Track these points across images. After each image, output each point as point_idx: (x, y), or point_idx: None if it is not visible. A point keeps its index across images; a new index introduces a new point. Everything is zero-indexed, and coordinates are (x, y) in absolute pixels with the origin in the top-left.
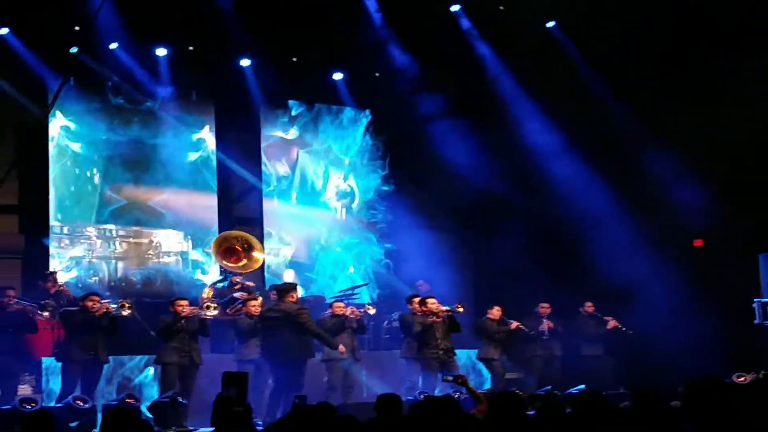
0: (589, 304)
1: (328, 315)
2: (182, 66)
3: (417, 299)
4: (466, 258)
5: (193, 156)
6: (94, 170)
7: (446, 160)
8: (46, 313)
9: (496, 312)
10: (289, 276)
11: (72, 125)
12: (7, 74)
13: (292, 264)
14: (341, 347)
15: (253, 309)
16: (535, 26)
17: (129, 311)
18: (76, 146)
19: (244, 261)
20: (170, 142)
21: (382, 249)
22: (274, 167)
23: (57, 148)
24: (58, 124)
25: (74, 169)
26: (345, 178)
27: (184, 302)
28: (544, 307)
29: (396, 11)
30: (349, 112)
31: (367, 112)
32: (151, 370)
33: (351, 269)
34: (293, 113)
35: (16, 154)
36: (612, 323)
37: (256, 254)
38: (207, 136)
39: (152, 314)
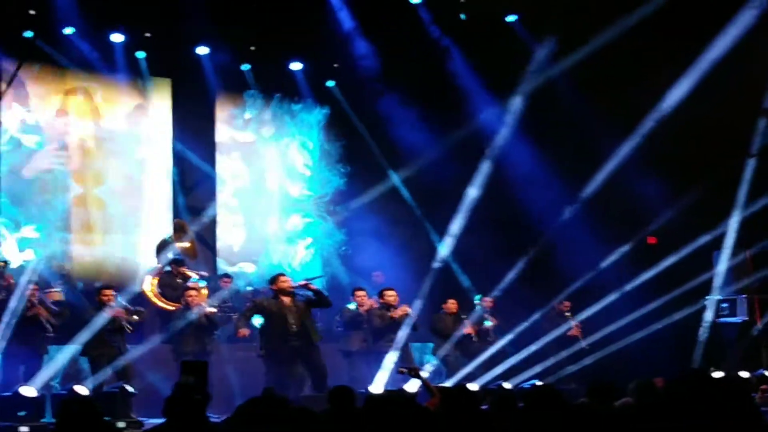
0: (566, 303)
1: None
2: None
3: (362, 292)
4: (423, 249)
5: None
6: None
7: (404, 151)
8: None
9: (451, 305)
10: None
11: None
12: None
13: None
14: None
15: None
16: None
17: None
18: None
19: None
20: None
21: (337, 238)
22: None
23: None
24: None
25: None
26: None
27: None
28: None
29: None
30: (305, 108)
31: (326, 108)
32: None
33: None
34: (246, 115)
35: None
36: (575, 331)
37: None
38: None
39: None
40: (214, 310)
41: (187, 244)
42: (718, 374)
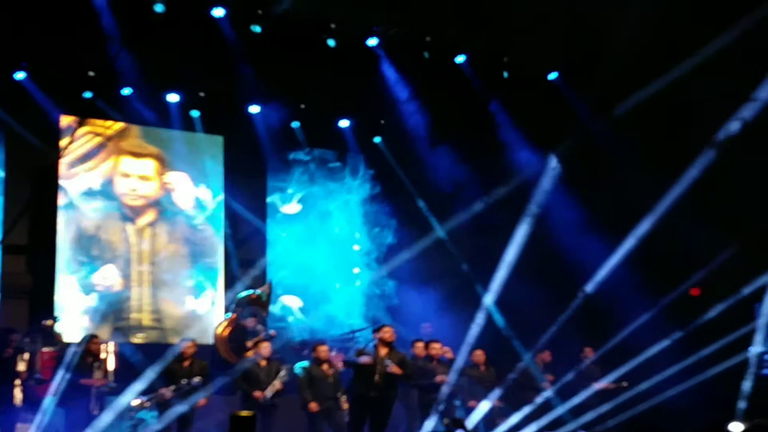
0: (588, 350)
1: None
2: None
3: (420, 344)
4: (469, 301)
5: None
6: None
7: (450, 204)
8: None
9: (479, 356)
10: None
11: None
12: (23, 117)
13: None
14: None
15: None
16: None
17: None
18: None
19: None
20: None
21: (384, 290)
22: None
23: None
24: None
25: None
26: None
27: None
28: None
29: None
30: (353, 164)
31: (373, 164)
32: None
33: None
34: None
35: (28, 196)
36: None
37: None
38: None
39: None
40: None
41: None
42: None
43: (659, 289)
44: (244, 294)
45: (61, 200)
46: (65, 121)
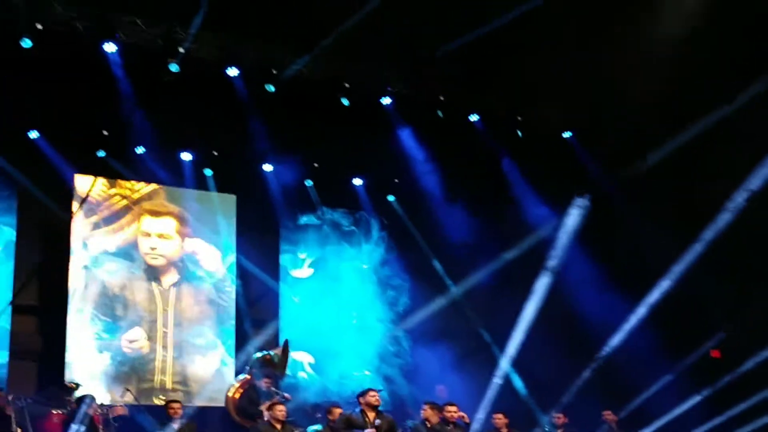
0: (608, 413)
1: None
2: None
3: (429, 407)
4: (484, 362)
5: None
6: None
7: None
8: None
9: (500, 420)
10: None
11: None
12: (35, 176)
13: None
14: None
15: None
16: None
17: None
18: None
19: None
20: None
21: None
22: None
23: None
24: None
25: None
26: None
27: None
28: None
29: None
30: (364, 224)
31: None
32: None
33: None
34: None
35: (39, 256)
36: None
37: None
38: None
39: None
40: None
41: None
42: None
43: (679, 350)
44: (258, 355)
45: (83, 260)
46: (78, 181)
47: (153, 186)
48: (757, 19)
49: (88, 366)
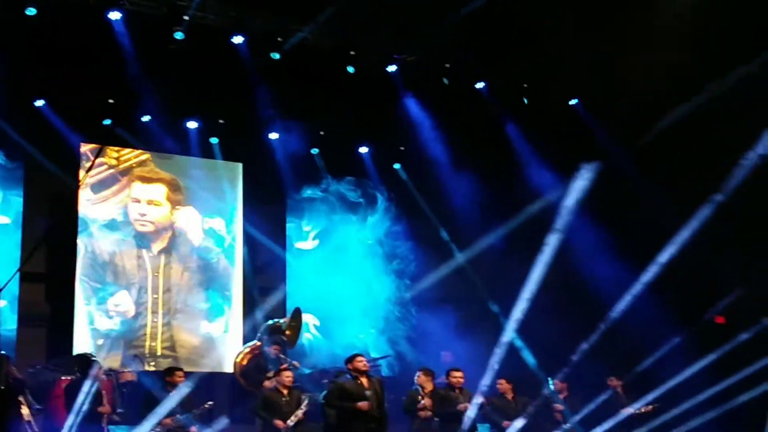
0: (613, 380)
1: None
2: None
3: (422, 373)
4: (489, 328)
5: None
6: None
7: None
8: None
9: (504, 385)
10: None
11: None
12: (42, 145)
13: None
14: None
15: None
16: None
17: None
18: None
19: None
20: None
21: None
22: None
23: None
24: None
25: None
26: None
27: None
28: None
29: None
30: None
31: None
32: None
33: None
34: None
35: (47, 224)
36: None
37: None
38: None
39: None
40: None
41: (288, 332)
42: None
43: (683, 317)
44: (269, 323)
45: (80, 228)
46: (85, 148)
47: (142, 153)
48: None
49: (89, 332)
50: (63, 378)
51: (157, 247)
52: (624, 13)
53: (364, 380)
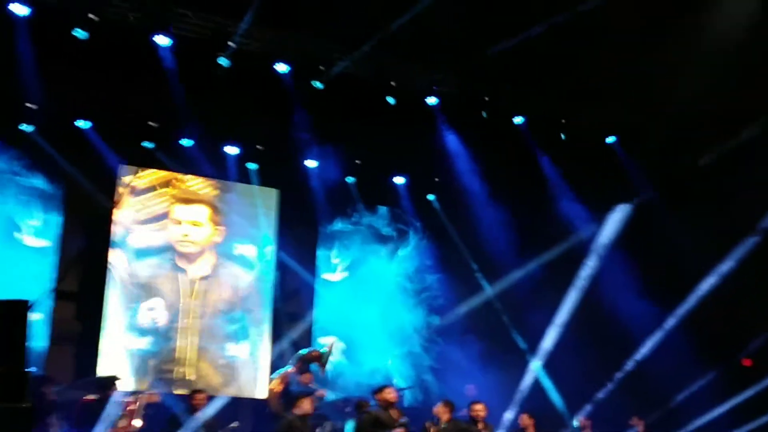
0: (636, 420)
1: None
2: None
3: (441, 406)
4: (515, 363)
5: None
6: None
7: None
8: None
9: (526, 420)
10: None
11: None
12: (82, 165)
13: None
14: None
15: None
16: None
17: None
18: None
19: None
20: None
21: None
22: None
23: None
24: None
25: None
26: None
27: None
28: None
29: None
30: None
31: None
32: None
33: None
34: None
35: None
36: None
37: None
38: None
39: None
40: None
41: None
42: None
43: (711, 358)
44: (304, 351)
45: (115, 249)
46: (124, 171)
47: (176, 174)
48: None
49: (118, 351)
50: (84, 399)
51: (193, 271)
52: (667, 41)
53: (393, 412)
